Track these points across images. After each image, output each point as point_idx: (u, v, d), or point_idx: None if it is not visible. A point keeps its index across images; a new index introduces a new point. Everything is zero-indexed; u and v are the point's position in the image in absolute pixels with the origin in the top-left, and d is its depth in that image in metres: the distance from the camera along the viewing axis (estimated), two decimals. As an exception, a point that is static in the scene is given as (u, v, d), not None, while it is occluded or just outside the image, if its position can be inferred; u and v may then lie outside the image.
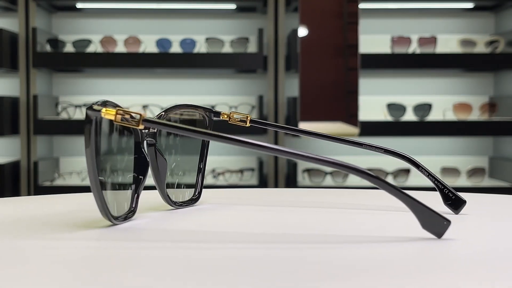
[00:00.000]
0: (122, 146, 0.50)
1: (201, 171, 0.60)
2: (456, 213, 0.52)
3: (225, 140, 0.42)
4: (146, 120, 0.43)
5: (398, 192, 0.43)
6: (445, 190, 0.54)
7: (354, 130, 2.35)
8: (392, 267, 0.36)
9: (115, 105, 0.46)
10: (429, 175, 0.53)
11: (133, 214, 0.50)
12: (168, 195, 0.55)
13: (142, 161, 0.51)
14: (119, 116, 0.44)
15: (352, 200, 0.62)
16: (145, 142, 0.51)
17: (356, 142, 0.57)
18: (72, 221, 0.50)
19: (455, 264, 0.37)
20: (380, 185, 0.43)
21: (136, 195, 0.50)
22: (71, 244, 0.42)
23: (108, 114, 0.44)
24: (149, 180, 0.51)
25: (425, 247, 0.42)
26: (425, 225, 0.44)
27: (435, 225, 0.44)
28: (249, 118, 0.58)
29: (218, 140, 0.42)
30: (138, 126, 0.43)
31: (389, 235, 0.45)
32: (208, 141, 0.59)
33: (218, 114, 0.59)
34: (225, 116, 0.58)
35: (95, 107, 0.44)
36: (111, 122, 0.46)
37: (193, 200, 0.58)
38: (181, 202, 0.57)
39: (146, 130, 0.51)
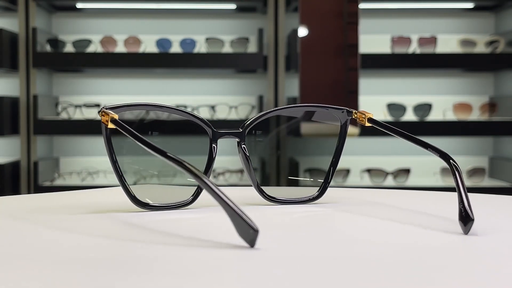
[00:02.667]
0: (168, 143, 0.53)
1: (330, 171, 0.59)
2: (465, 233, 0.44)
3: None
4: (114, 121, 0.49)
5: (212, 191, 0.40)
6: (460, 205, 0.46)
7: (354, 130, 2.35)
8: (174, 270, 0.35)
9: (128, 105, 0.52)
10: (457, 185, 0.47)
11: (184, 206, 0.54)
12: (262, 191, 0.57)
13: (208, 159, 0.55)
14: (104, 118, 0.49)
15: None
16: (218, 141, 0.55)
17: (424, 143, 0.53)
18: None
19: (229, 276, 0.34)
20: (198, 180, 0.41)
21: (197, 189, 0.54)
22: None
23: (102, 115, 0.50)
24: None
25: (222, 255, 0.38)
26: (239, 231, 0.39)
27: (246, 232, 0.39)
28: (367, 116, 0.57)
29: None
30: (107, 125, 0.49)
31: (213, 239, 0.42)
32: (343, 142, 0.59)
33: (350, 113, 0.58)
34: (355, 115, 0.57)
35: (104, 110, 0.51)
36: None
37: (311, 199, 0.58)
38: (287, 199, 0.58)
39: (223, 130, 0.55)
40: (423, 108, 2.53)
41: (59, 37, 2.62)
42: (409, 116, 2.54)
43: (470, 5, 2.66)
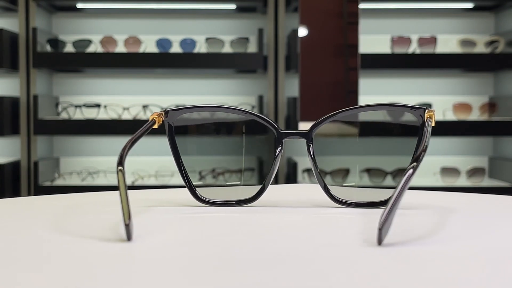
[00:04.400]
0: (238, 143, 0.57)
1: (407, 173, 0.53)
2: (378, 243, 0.40)
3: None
4: (156, 123, 0.54)
5: (119, 185, 0.43)
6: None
7: (354, 130, 2.35)
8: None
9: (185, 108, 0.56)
10: (395, 190, 0.42)
11: (247, 203, 0.56)
12: (329, 192, 0.55)
13: (273, 159, 0.56)
14: (160, 118, 0.54)
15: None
16: (283, 141, 0.55)
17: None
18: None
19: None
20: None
21: (261, 187, 0.56)
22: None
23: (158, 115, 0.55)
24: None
25: (98, 248, 0.40)
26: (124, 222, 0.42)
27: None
28: (429, 115, 0.52)
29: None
30: (156, 126, 0.53)
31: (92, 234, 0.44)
32: (424, 144, 0.52)
33: (423, 111, 0.54)
34: (428, 114, 0.53)
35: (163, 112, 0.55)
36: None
37: (382, 202, 0.55)
38: (353, 202, 0.55)
39: (288, 131, 0.56)
40: (423, 108, 2.53)
41: (59, 37, 2.62)
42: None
43: (470, 5, 2.66)
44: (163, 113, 0.54)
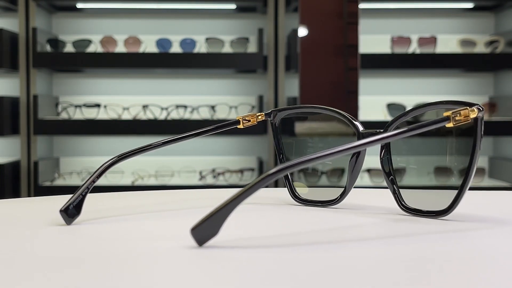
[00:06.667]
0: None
1: (468, 175, 0.50)
2: (199, 245, 0.39)
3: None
4: (240, 123, 0.57)
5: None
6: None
7: (352, 130, 2.35)
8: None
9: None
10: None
11: (331, 203, 0.57)
12: (398, 197, 0.55)
13: (353, 161, 0.58)
14: (254, 119, 0.57)
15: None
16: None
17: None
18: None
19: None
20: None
21: (343, 190, 0.57)
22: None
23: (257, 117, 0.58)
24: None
25: (40, 231, 0.44)
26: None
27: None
28: (447, 115, 0.48)
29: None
30: (241, 126, 0.56)
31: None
32: (478, 142, 0.49)
33: (482, 111, 0.48)
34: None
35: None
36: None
37: (440, 212, 0.52)
38: (417, 209, 0.53)
39: (367, 130, 0.57)
40: (423, 108, 2.53)
41: (59, 37, 2.62)
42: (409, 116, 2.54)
43: (470, 5, 2.66)
44: (258, 114, 0.56)
